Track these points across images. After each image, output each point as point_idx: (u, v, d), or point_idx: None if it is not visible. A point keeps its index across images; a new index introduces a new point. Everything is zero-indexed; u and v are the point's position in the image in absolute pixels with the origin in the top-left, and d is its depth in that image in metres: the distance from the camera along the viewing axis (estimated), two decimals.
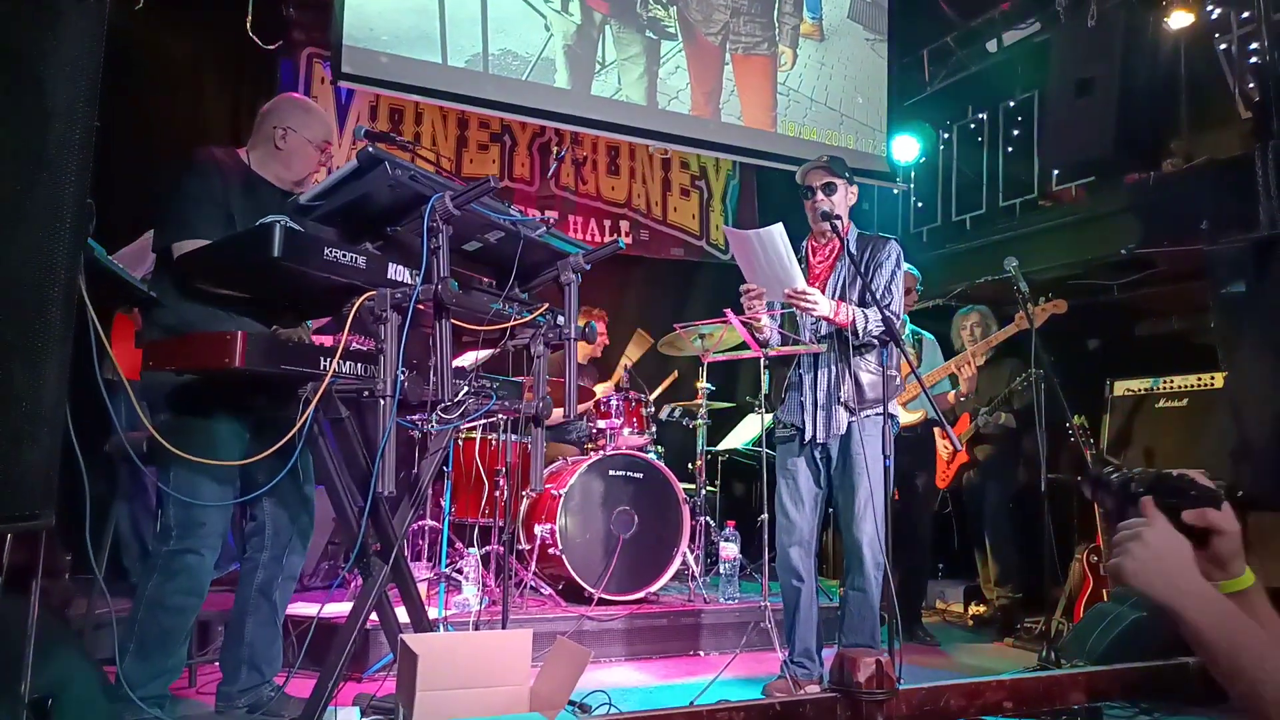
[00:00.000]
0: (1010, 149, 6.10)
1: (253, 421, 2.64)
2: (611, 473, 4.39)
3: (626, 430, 4.74)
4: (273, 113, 2.83)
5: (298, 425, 2.12)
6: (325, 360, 2.21)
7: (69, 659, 2.18)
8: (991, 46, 6.36)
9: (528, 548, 4.26)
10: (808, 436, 3.30)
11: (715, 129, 5.68)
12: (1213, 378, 4.33)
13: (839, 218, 3.30)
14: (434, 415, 2.39)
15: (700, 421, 4.96)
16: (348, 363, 2.28)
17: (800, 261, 3.50)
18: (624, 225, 6.51)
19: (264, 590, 2.82)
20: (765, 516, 3.61)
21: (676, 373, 5.66)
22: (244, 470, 2.62)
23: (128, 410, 2.51)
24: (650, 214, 6.65)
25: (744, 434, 5.62)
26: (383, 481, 2.13)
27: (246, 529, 2.87)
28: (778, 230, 3.15)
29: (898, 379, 3.35)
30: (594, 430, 4.79)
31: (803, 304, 3.16)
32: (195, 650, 3.38)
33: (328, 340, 3.22)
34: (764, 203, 7.03)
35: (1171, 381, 4.52)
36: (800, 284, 3.16)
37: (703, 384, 4.87)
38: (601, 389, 5.25)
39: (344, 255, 2.10)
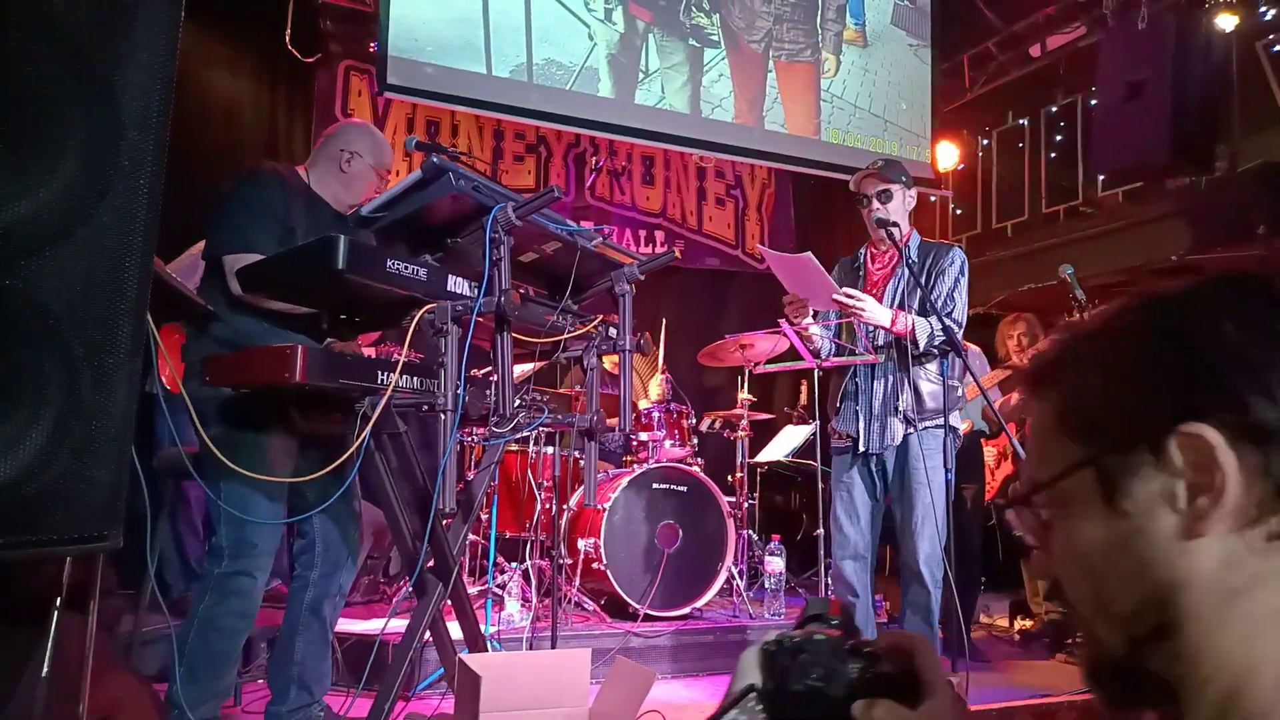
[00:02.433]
0: (1053, 154, 6.02)
1: (302, 436, 2.59)
2: (654, 486, 4.32)
3: (668, 442, 4.67)
4: (340, 136, 2.83)
5: (358, 442, 2.07)
6: (383, 374, 2.16)
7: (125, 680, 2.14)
8: (1035, 51, 6.28)
9: (570, 562, 4.20)
10: (861, 447, 3.23)
11: (759, 137, 5.63)
12: None
13: (896, 225, 3.22)
14: (488, 428, 2.34)
15: (742, 433, 4.88)
16: (405, 376, 2.23)
17: (859, 269, 3.43)
18: (659, 235, 6.47)
19: (314, 608, 2.77)
20: (821, 531, 3.53)
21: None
22: (292, 487, 2.58)
23: (172, 424, 2.47)
24: (685, 224, 6.61)
25: (784, 445, 5.54)
26: (444, 498, 2.08)
27: (295, 546, 2.82)
28: (810, 257, 3.12)
29: (959, 390, 3.27)
30: (635, 443, 4.73)
31: (852, 307, 3.10)
32: (239, 668, 3.35)
33: (370, 349, 3.20)
34: (800, 212, 6.97)
35: None
36: (842, 291, 3.11)
37: (744, 394, 4.79)
38: (647, 400, 5.18)
39: (406, 267, 2.06)
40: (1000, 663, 4.45)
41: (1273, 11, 4.84)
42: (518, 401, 2.48)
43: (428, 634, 2.57)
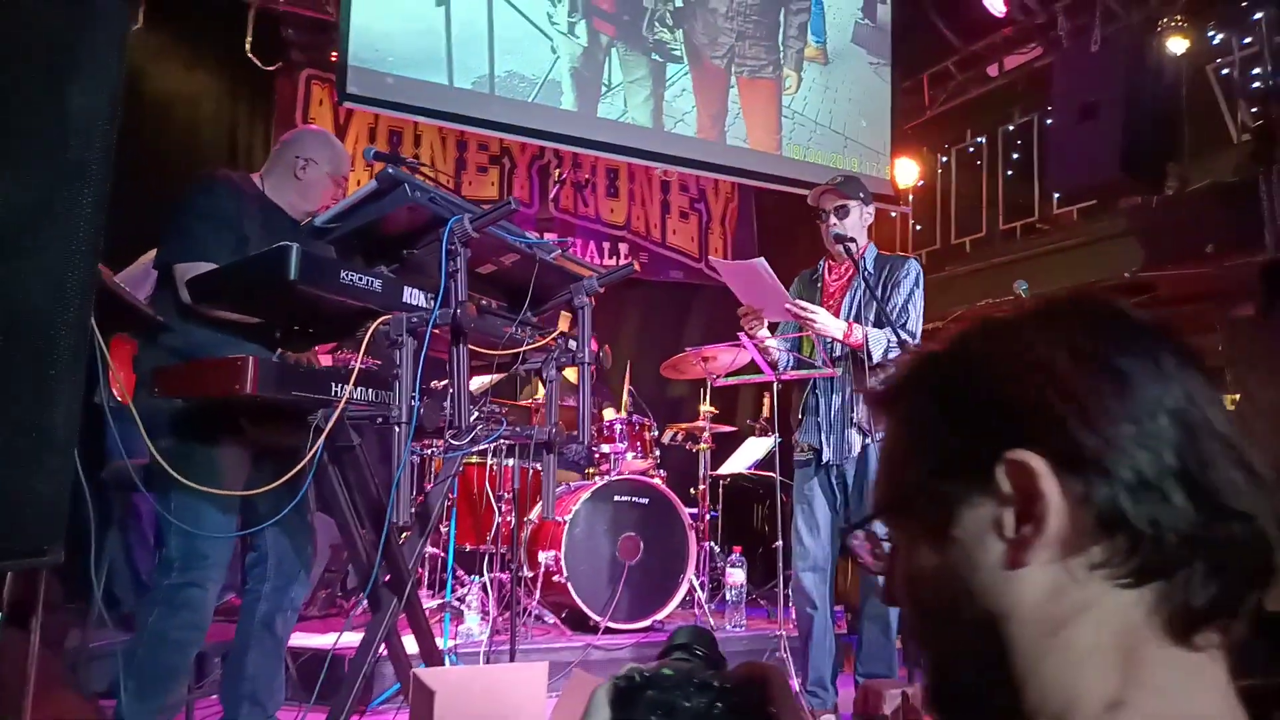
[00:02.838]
0: (1010, 172, 6.12)
1: (255, 448, 2.56)
2: (616, 498, 4.32)
3: (630, 455, 4.67)
4: (296, 143, 2.81)
5: (309, 454, 2.05)
6: (337, 386, 2.14)
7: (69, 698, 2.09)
8: (992, 71, 6.39)
9: (531, 575, 4.18)
10: (824, 459, 3.25)
11: (721, 152, 5.67)
12: (1222, 400, 4.31)
13: (853, 240, 3.27)
14: (445, 441, 2.33)
15: (704, 446, 4.90)
16: (359, 388, 2.21)
17: (817, 281, 3.47)
18: (623, 248, 6.48)
19: (267, 622, 2.72)
20: (780, 543, 3.55)
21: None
22: (246, 501, 2.55)
23: (122, 436, 2.43)
24: (649, 236, 6.63)
25: (746, 457, 5.56)
26: (398, 511, 2.06)
27: (247, 559, 2.78)
28: (762, 263, 3.16)
29: None
30: (597, 455, 4.73)
31: (803, 317, 3.14)
32: (192, 684, 3.29)
33: (326, 358, 3.16)
34: (763, 225, 7.03)
35: None
36: (795, 302, 3.15)
37: (707, 407, 4.81)
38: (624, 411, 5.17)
39: (360, 278, 2.04)
40: None
41: (1220, 35, 4.97)
42: (475, 414, 2.47)
43: (383, 648, 2.55)
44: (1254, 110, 4.64)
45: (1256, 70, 4.69)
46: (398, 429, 2.07)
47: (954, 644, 0.63)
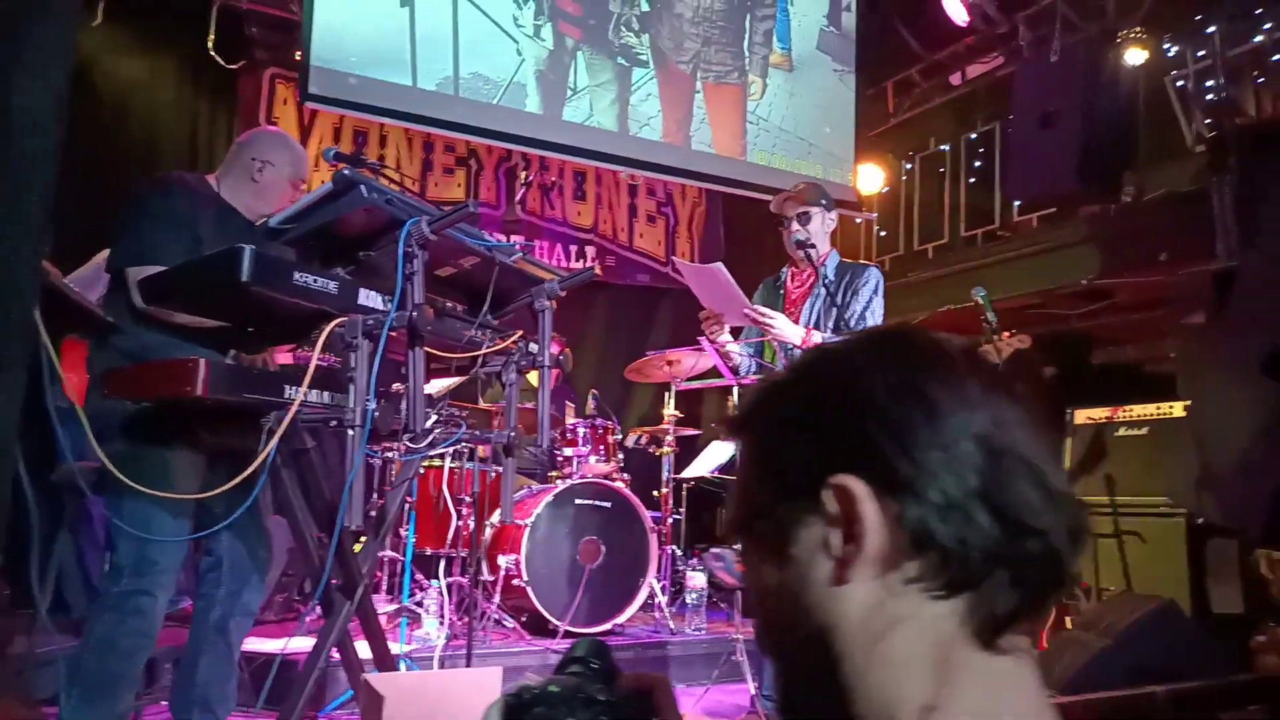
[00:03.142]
0: (972, 180, 6.20)
1: (209, 451, 2.53)
2: (578, 502, 4.31)
3: (593, 458, 4.67)
4: (252, 144, 2.77)
5: (260, 457, 2.03)
6: (290, 388, 2.12)
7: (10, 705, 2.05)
8: (955, 79, 6.47)
9: (491, 579, 4.16)
10: None
11: (686, 156, 5.69)
12: (1171, 407, 4.39)
13: (813, 246, 3.28)
14: (402, 444, 2.32)
15: (667, 449, 4.91)
16: (314, 391, 2.19)
17: (779, 288, 3.49)
18: (590, 251, 6.48)
19: (219, 627, 2.69)
20: (740, 546, 3.55)
21: None
22: (199, 503, 2.51)
23: (74, 439, 2.39)
24: (616, 240, 6.64)
25: (710, 461, 5.57)
26: (350, 515, 2.05)
27: (202, 564, 2.74)
28: (720, 268, 3.17)
29: None
30: (560, 458, 4.72)
31: (761, 322, 3.15)
32: (141, 689, 3.23)
33: (287, 356, 3.13)
34: (730, 230, 7.06)
35: (1131, 410, 4.58)
36: (753, 306, 3.16)
37: (671, 410, 4.82)
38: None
39: (315, 280, 2.02)
40: None
41: (1176, 48, 5.07)
42: (434, 417, 2.46)
43: (336, 654, 2.53)
44: (1207, 121, 4.73)
45: (1210, 82, 4.79)
46: (351, 432, 2.06)
47: (794, 656, 0.67)
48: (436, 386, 3.56)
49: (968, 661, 0.60)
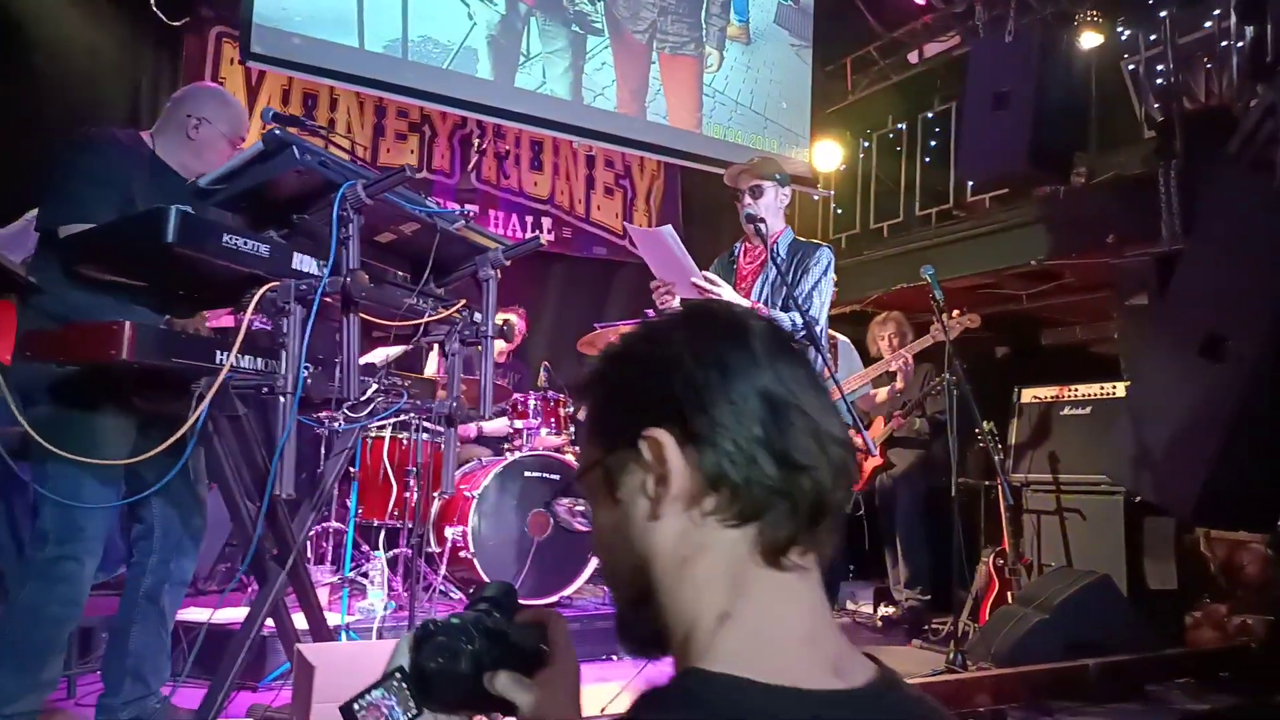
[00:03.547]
0: (928, 159, 6.23)
1: (141, 417, 2.47)
2: (527, 474, 4.30)
3: (544, 430, 4.65)
4: (188, 100, 2.68)
5: (189, 422, 1.99)
6: (222, 354, 2.07)
7: None
8: (913, 58, 6.47)
9: (438, 550, 4.14)
10: None
11: (641, 127, 5.65)
12: (1115, 387, 4.48)
13: (764, 220, 3.28)
14: (340, 413, 2.29)
15: None
16: (247, 357, 2.15)
17: (732, 264, 3.48)
18: (546, 222, 6.42)
19: (151, 596, 2.65)
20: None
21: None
22: (131, 470, 2.46)
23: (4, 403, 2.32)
24: (573, 211, 6.58)
25: None
26: (281, 483, 2.01)
27: (134, 531, 2.69)
28: (669, 230, 3.15)
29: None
30: (510, 430, 4.70)
31: (707, 291, 3.14)
32: (76, 659, 3.18)
33: (228, 320, 3.06)
34: (688, 204, 7.02)
35: (1076, 390, 4.66)
36: (701, 274, 3.14)
37: None
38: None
39: (245, 243, 1.97)
40: (861, 649, 4.59)
41: (1128, 32, 5.11)
42: (374, 386, 2.42)
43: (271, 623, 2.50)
44: (1156, 106, 4.79)
45: (1161, 67, 4.84)
46: (282, 399, 2.02)
47: (624, 584, 0.80)
48: (383, 355, 3.51)
49: (757, 577, 0.74)
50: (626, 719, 0.71)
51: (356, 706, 0.87)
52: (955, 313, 4.32)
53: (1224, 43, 4.70)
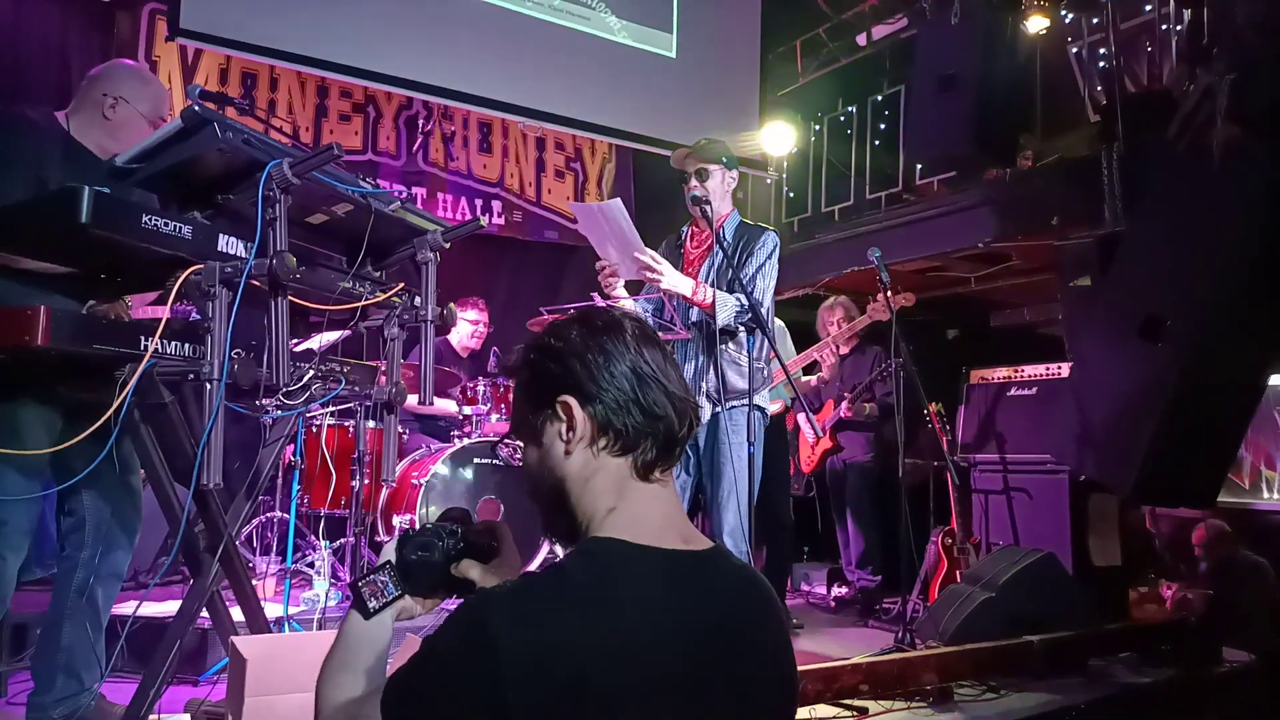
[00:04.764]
0: (877, 142, 6.24)
1: (67, 407, 2.38)
2: (477, 461, 4.26)
3: (494, 416, 4.60)
4: (104, 79, 2.58)
5: (111, 410, 1.92)
6: (146, 340, 2.00)
7: None
8: (861, 40, 6.48)
9: (386, 539, 4.08)
10: None
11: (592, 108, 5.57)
12: (1060, 367, 4.53)
13: (708, 203, 3.25)
14: (274, 400, 2.22)
15: None
16: (173, 343, 2.08)
17: (679, 247, 3.44)
18: (496, 205, 6.34)
19: (83, 590, 2.56)
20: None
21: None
22: (60, 463, 2.38)
23: None
24: (524, 195, 6.50)
25: None
26: (207, 473, 1.95)
27: (64, 525, 2.60)
28: (617, 204, 3.10)
29: (765, 370, 3.33)
30: (460, 417, 4.64)
31: (650, 274, 3.11)
32: (8, 656, 3.09)
33: (162, 311, 2.97)
34: (640, 186, 6.97)
35: (1022, 371, 4.71)
36: (644, 251, 3.10)
37: None
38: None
39: (166, 224, 1.91)
40: (814, 629, 4.63)
41: (1072, 15, 5.16)
42: (310, 372, 2.36)
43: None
44: (1099, 89, 4.84)
45: (1104, 51, 4.89)
46: (208, 386, 1.96)
47: (548, 499, 1.19)
48: (324, 340, 3.44)
49: (633, 487, 1.15)
50: (554, 569, 1.06)
51: (361, 582, 1.23)
52: (893, 293, 4.33)
53: (1164, 26, 4.76)
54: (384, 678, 1.11)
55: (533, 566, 4.23)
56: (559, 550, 4.39)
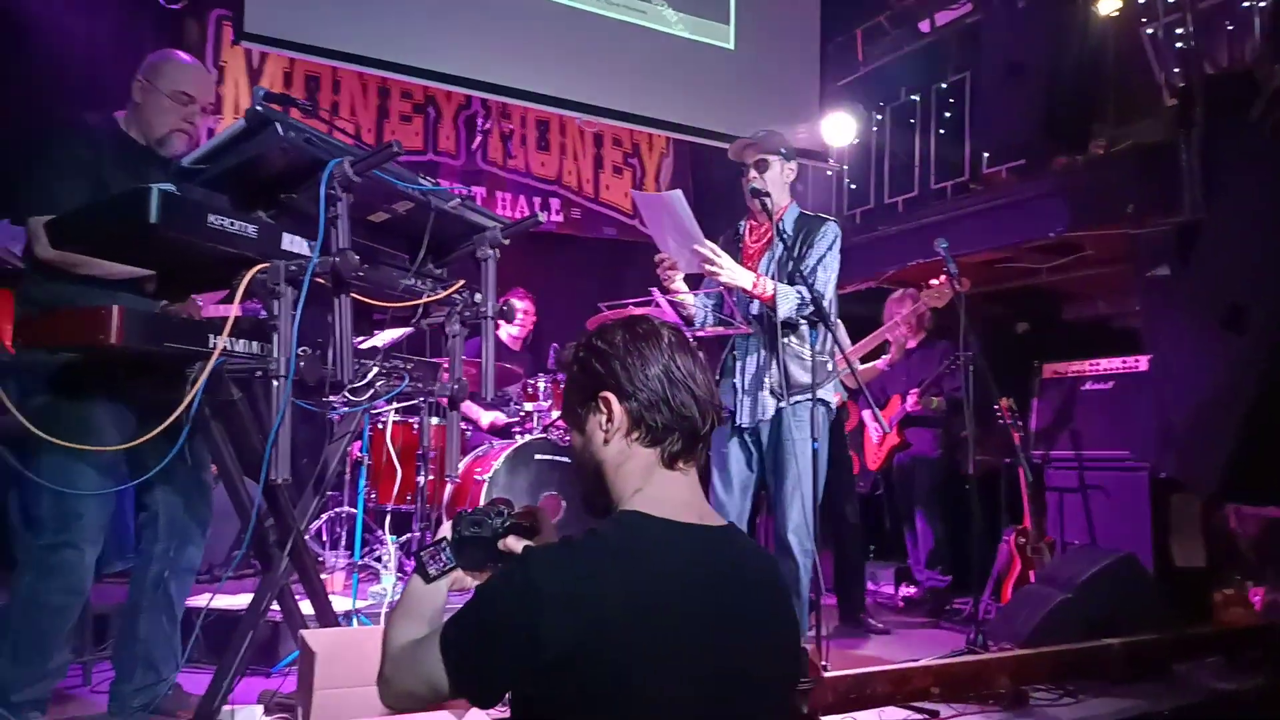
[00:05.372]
0: (942, 131, 6.08)
1: (141, 405, 2.44)
2: (538, 457, 4.26)
3: (555, 413, 4.61)
4: (141, 67, 2.62)
5: (182, 407, 1.96)
6: (214, 338, 2.03)
7: None
8: (924, 27, 6.33)
9: None
10: (737, 421, 3.21)
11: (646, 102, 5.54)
12: (1137, 360, 4.37)
13: (768, 195, 3.19)
14: (340, 397, 2.25)
15: None
16: (240, 341, 2.11)
17: (738, 241, 3.39)
18: (554, 203, 6.35)
19: (158, 583, 2.63)
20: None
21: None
22: (135, 459, 2.43)
23: (8, 390, 2.30)
24: (582, 191, 6.50)
25: None
26: (276, 469, 1.98)
27: (139, 520, 2.67)
28: (678, 195, 3.06)
29: (829, 363, 3.27)
30: (521, 413, 4.66)
31: (709, 267, 3.06)
32: (92, 646, 3.18)
33: (230, 310, 3.02)
34: (699, 182, 6.92)
35: (1098, 364, 4.56)
36: (704, 243, 3.05)
37: None
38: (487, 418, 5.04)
39: (232, 223, 1.93)
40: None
41: None
42: (375, 369, 2.38)
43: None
44: (1176, 72, 4.65)
45: (1180, 31, 4.70)
46: (275, 383, 1.98)
47: (589, 478, 1.37)
48: (387, 338, 3.47)
49: (660, 473, 1.32)
50: (588, 532, 1.22)
51: (423, 553, 1.40)
52: (941, 279, 4.20)
53: (1245, 4, 4.55)
54: (440, 624, 1.27)
55: None
56: None
